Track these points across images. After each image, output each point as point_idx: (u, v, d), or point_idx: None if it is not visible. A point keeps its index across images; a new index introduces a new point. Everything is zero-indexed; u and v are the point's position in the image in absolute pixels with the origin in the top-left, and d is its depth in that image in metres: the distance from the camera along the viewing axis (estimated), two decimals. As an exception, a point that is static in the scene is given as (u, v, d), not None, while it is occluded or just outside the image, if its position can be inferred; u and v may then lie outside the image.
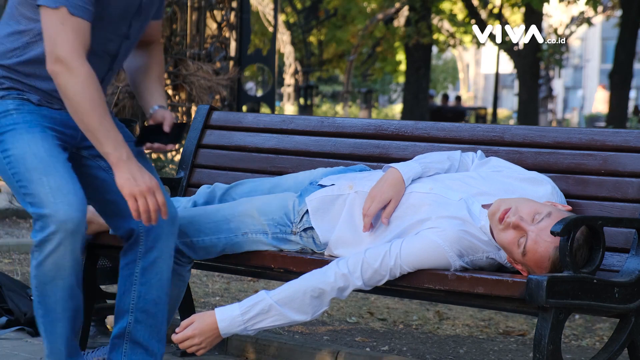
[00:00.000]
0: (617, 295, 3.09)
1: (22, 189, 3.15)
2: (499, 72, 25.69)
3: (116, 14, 3.22)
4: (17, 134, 3.18)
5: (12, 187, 3.21)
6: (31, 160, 3.14)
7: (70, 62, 3.07)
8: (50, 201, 3.08)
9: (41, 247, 3.10)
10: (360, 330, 4.85)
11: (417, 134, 3.89)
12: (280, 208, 3.57)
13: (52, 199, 3.08)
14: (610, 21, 29.48)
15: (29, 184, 3.13)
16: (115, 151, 3.12)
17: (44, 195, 3.09)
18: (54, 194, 3.09)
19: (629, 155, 3.42)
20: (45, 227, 3.08)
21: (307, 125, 4.17)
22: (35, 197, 3.11)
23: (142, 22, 3.33)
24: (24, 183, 3.14)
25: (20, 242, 6.98)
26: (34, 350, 4.23)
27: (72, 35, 3.06)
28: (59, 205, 3.07)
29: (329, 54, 29.95)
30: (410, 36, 20.12)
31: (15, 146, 3.16)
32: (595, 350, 4.55)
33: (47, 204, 3.08)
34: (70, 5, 3.05)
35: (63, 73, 3.07)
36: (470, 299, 3.20)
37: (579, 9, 21.45)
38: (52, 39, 3.07)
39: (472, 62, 49.52)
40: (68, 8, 3.05)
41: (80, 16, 3.07)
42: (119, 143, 3.12)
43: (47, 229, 3.07)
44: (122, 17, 3.25)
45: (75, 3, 3.06)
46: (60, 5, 3.05)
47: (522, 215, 3.16)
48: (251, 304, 3.22)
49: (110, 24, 3.23)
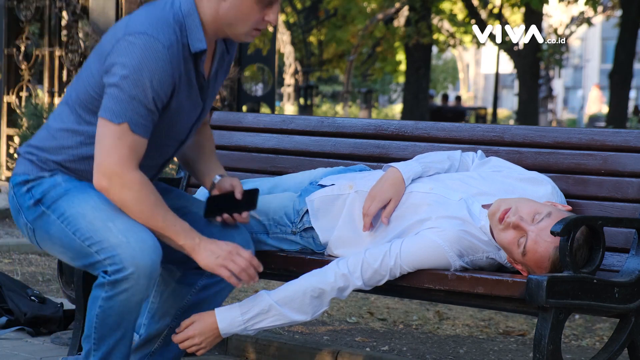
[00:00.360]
0: (617, 295, 3.09)
1: (86, 242, 3.04)
2: (499, 72, 25.68)
3: (179, 129, 3.21)
4: (70, 196, 3.11)
5: (74, 250, 3.08)
6: (91, 213, 3.07)
7: (122, 175, 3.01)
8: (123, 241, 3.00)
9: (115, 286, 3.01)
10: (360, 330, 4.85)
11: (417, 134, 3.89)
12: (280, 208, 3.57)
13: (125, 238, 3.01)
14: (610, 21, 29.47)
15: (95, 234, 3.03)
16: (188, 240, 3.09)
17: (114, 238, 3.01)
18: (125, 234, 3.01)
19: (629, 155, 3.41)
20: (121, 270, 2.99)
21: (307, 125, 4.17)
22: (104, 242, 3.02)
23: (198, 124, 3.32)
24: (89, 234, 3.04)
25: (20, 242, 6.98)
26: (34, 350, 4.23)
27: (127, 150, 3.01)
28: (133, 244, 3.00)
29: (329, 54, 29.94)
30: (410, 36, 20.13)
31: (71, 206, 3.09)
32: (595, 350, 4.55)
33: (119, 244, 3.00)
34: (133, 123, 3.01)
35: (115, 187, 3.02)
36: (470, 299, 3.20)
37: (579, 9, 21.45)
38: (106, 152, 3.02)
39: (472, 62, 49.52)
40: (130, 125, 3.01)
41: (139, 134, 3.03)
42: (187, 231, 3.10)
43: (124, 272, 2.99)
44: (184, 129, 3.24)
45: (137, 121, 3.02)
46: (122, 122, 3.01)
47: (522, 215, 3.16)
48: (251, 304, 3.22)
49: (170, 137, 3.22)
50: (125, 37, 3.03)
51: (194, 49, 3.11)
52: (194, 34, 3.11)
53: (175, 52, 3.05)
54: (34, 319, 4.49)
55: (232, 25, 3.12)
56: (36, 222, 3.15)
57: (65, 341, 4.32)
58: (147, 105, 3.02)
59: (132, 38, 3.02)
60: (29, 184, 3.16)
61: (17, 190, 3.19)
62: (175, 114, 3.15)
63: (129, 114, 3.01)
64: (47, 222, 3.12)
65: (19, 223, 3.22)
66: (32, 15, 10.66)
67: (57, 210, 3.11)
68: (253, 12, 3.10)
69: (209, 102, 3.31)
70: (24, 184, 3.17)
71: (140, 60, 3.00)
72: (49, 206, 3.12)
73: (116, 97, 3.02)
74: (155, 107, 3.04)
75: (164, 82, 3.03)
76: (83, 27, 9.92)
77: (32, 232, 3.18)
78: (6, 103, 10.84)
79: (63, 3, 10.18)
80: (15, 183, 3.20)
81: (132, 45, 3.01)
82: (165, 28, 3.05)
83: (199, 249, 3.11)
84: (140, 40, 3.01)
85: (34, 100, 10.18)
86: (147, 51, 3.00)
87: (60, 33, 10.44)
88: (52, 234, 3.12)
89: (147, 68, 3.00)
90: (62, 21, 10.39)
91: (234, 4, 3.09)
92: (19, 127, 9.47)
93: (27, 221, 3.17)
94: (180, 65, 3.08)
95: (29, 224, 3.17)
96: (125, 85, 3.00)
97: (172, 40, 3.05)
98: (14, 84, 10.86)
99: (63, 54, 10.32)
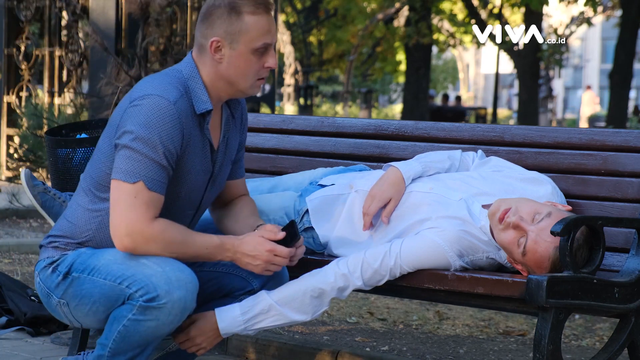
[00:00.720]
0: (617, 295, 3.09)
1: (117, 281, 2.99)
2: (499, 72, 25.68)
3: (192, 193, 3.18)
4: (98, 254, 3.08)
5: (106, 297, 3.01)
6: (122, 256, 3.03)
7: (143, 232, 2.98)
8: (157, 270, 2.96)
9: (145, 312, 2.96)
10: (360, 330, 4.85)
11: (417, 134, 3.89)
12: (280, 208, 3.57)
13: (159, 268, 2.97)
14: (610, 21, 29.47)
15: (127, 271, 2.99)
16: (224, 252, 3.08)
17: (148, 269, 2.97)
18: (160, 264, 2.98)
19: (629, 155, 3.42)
20: (154, 298, 2.94)
21: (307, 125, 4.17)
22: (137, 275, 2.97)
23: (214, 192, 3.29)
24: (120, 273, 2.99)
25: (20, 242, 6.98)
26: (34, 350, 4.23)
27: (144, 207, 2.98)
28: (169, 272, 2.96)
29: (329, 54, 29.95)
30: (410, 36, 20.12)
31: (101, 259, 3.06)
32: (595, 350, 4.55)
33: (153, 273, 2.96)
34: (148, 180, 3.00)
35: (139, 245, 2.99)
36: (470, 299, 3.20)
37: (579, 9, 21.46)
38: (124, 212, 2.98)
39: (472, 62, 49.51)
40: (145, 183, 3.00)
41: (155, 191, 3.02)
42: (219, 246, 3.07)
43: (157, 301, 2.94)
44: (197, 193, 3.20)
45: (152, 178, 2.99)
46: (137, 181, 3.00)
47: (522, 215, 3.16)
48: (251, 304, 3.22)
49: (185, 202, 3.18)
50: (131, 104, 3.04)
51: (199, 110, 3.09)
52: (198, 95, 3.10)
53: (182, 107, 3.04)
54: (34, 319, 4.49)
55: (235, 83, 3.12)
56: (67, 293, 3.10)
57: (65, 341, 4.32)
58: (160, 161, 3.00)
59: (137, 101, 3.02)
60: (53, 265, 3.12)
61: (42, 274, 3.15)
62: (187, 174, 3.12)
63: (142, 172, 2.99)
64: (78, 285, 3.07)
65: (50, 307, 3.17)
66: (32, 15, 10.67)
67: (87, 269, 3.06)
68: (251, 64, 3.09)
69: (224, 170, 3.27)
70: (48, 267, 3.13)
71: (148, 118, 2.99)
72: (79, 270, 3.08)
73: (128, 157, 3.00)
74: (167, 162, 3.02)
75: (174, 136, 3.02)
76: (83, 27, 9.92)
77: (67, 307, 3.12)
78: (6, 103, 10.84)
79: (63, 3, 10.18)
80: (39, 269, 3.16)
81: (139, 108, 3.01)
82: (169, 87, 3.06)
83: (237, 258, 3.09)
84: (145, 101, 3.01)
85: (34, 100, 10.18)
86: (154, 109, 3.00)
87: (60, 33, 10.45)
88: (84, 293, 3.06)
89: (155, 124, 2.99)
90: (62, 21, 10.39)
91: (231, 63, 3.08)
92: (19, 127, 9.47)
93: (58, 299, 3.12)
94: (189, 120, 3.07)
95: (61, 300, 3.11)
96: (136, 145, 2.99)
97: (178, 96, 3.05)
98: (14, 84, 10.86)
99: (63, 54, 10.32)
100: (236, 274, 3.30)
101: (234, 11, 3.07)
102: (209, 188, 3.24)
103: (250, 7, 3.08)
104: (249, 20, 3.08)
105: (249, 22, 3.08)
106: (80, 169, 3.97)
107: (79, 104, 9.46)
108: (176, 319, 2.99)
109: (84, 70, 10.20)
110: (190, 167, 3.12)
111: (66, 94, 10.21)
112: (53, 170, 4.10)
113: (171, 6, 9.14)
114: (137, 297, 2.96)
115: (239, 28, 3.07)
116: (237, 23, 3.07)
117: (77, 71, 10.23)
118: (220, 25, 3.08)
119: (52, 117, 8.72)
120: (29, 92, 10.74)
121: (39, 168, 8.63)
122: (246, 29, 3.07)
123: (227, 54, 3.09)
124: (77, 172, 3.99)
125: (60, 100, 10.26)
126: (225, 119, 3.24)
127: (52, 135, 4.17)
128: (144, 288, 2.96)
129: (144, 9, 8.57)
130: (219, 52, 3.09)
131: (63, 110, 9.53)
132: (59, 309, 3.14)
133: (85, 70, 10.15)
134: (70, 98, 9.98)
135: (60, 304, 3.12)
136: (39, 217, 8.36)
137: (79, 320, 3.14)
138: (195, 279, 3.02)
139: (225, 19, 3.07)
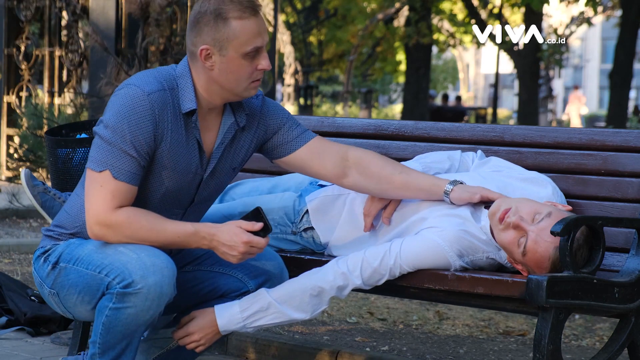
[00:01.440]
0: (617, 295, 3.09)
1: (97, 270, 3.01)
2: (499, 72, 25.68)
3: (178, 192, 3.16)
4: (83, 244, 3.10)
5: (89, 287, 3.03)
6: (104, 246, 3.05)
7: (108, 221, 3.00)
8: (133, 257, 2.96)
9: (122, 299, 2.96)
10: (360, 330, 4.85)
11: (417, 134, 3.89)
12: (280, 208, 3.57)
13: (135, 255, 2.97)
14: (610, 21, 29.48)
15: (105, 259, 3.00)
16: (200, 240, 3.05)
17: (124, 256, 2.97)
18: (135, 251, 2.98)
19: (629, 155, 3.42)
20: (130, 284, 2.95)
21: (307, 125, 4.14)
22: (114, 262, 2.98)
23: (209, 195, 3.26)
24: (99, 262, 3.02)
25: (20, 242, 6.99)
26: (34, 350, 4.23)
27: (110, 196, 3.00)
28: (144, 258, 2.96)
29: (329, 54, 29.95)
30: (410, 36, 20.13)
31: (84, 249, 3.08)
32: (595, 350, 4.55)
33: (129, 260, 2.96)
34: (114, 169, 3.01)
35: (108, 233, 3.02)
36: (470, 299, 3.20)
37: (579, 9, 21.46)
38: (92, 201, 3.02)
39: (472, 62, 49.52)
40: (111, 172, 3.01)
41: (123, 180, 3.01)
42: (194, 234, 3.05)
43: (132, 287, 2.94)
44: (184, 194, 3.19)
45: (119, 167, 3.00)
46: (104, 169, 3.01)
47: (522, 215, 3.16)
48: (251, 301, 3.22)
49: (170, 201, 3.17)
50: (114, 94, 3.07)
51: (183, 108, 3.09)
52: (185, 93, 3.10)
53: (157, 99, 3.04)
54: (34, 319, 4.49)
55: (229, 88, 3.10)
56: (56, 283, 3.12)
57: (65, 341, 4.32)
58: (128, 151, 3.01)
59: (117, 91, 3.06)
60: (45, 254, 3.15)
61: (36, 264, 3.18)
62: (164, 169, 3.10)
63: (110, 161, 3.01)
64: (65, 275, 3.09)
65: (44, 296, 3.20)
66: (32, 15, 10.66)
67: (73, 259, 3.09)
68: (244, 68, 3.08)
69: (222, 176, 3.24)
70: (41, 256, 3.16)
71: (120, 107, 3.02)
72: (66, 260, 3.10)
73: (98, 146, 3.04)
74: (136, 152, 3.02)
75: (143, 126, 3.01)
76: (83, 27, 9.92)
77: (57, 297, 3.14)
78: (6, 103, 10.84)
79: (63, 3, 10.18)
80: (34, 259, 3.20)
81: (116, 97, 3.05)
82: (151, 79, 3.07)
83: (215, 246, 3.06)
84: (122, 90, 3.05)
85: (34, 100, 10.18)
86: (127, 98, 3.02)
87: (60, 33, 10.44)
88: (71, 283, 3.08)
89: (125, 113, 3.00)
90: (62, 21, 10.39)
91: (222, 69, 3.07)
92: (19, 127, 9.47)
93: (49, 289, 3.14)
94: (166, 115, 3.06)
95: (52, 289, 3.13)
96: (105, 134, 3.02)
97: (155, 89, 3.05)
98: (14, 84, 10.86)
99: (63, 54, 10.32)
100: (232, 275, 3.30)
101: (220, 17, 3.03)
102: (200, 190, 3.22)
103: (237, 12, 3.04)
104: (236, 25, 3.04)
105: (236, 28, 3.04)
106: (80, 169, 3.98)
107: (79, 104, 9.46)
108: (154, 304, 2.97)
109: (84, 70, 10.20)
110: (169, 164, 3.10)
111: (66, 94, 10.22)
112: (53, 170, 4.10)
113: (171, 6, 9.14)
114: (114, 284, 2.97)
115: (227, 34, 3.04)
116: (224, 29, 3.04)
117: (77, 71, 10.23)
118: (207, 33, 3.05)
119: (52, 117, 8.72)
120: (29, 92, 10.74)
121: (39, 168, 8.63)
122: (234, 34, 3.04)
123: (218, 60, 3.06)
124: (77, 172, 3.99)
125: (60, 100, 10.26)
126: (229, 126, 3.20)
127: (52, 135, 4.17)
128: (120, 275, 2.96)
129: (144, 9, 8.57)
130: (210, 59, 3.07)
131: (63, 110, 9.53)
132: (51, 298, 3.17)
133: (85, 70, 10.15)
134: (70, 98, 9.98)
135: (51, 294, 3.14)
136: (39, 217, 8.36)
137: (69, 311, 3.16)
138: (172, 265, 3.00)
139: (212, 26, 3.04)
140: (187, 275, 3.31)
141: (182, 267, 3.31)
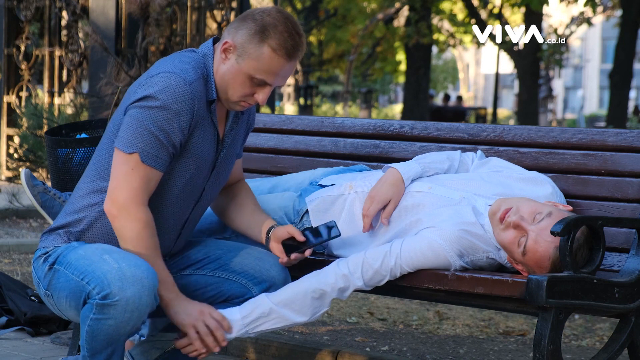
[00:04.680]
0: (617, 295, 3.09)
1: (80, 276, 2.98)
2: (499, 72, 25.69)
3: (193, 181, 3.16)
4: (78, 248, 3.08)
5: (74, 293, 3.00)
6: (91, 251, 3.03)
7: (129, 208, 3.01)
8: (114, 267, 2.92)
9: (102, 310, 2.92)
10: (360, 330, 4.85)
11: (417, 134, 3.89)
12: (280, 208, 3.57)
13: (116, 264, 2.93)
14: (610, 21, 29.48)
15: (89, 267, 2.97)
16: (166, 292, 3.05)
17: (106, 265, 2.94)
18: (117, 261, 2.95)
19: (629, 155, 3.42)
20: (108, 295, 2.91)
21: (307, 125, 4.17)
22: (96, 271, 2.95)
23: (215, 185, 3.28)
24: (83, 268, 2.99)
25: (20, 242, 6.99)
26: (34, 350, 4.23)
27: (138, 182, 3.01)
28: (124, 268, 2.91)
29: (329, 54, 29.96)
30: (410, 36, 20.14)
31: (76, 254, 3.06)
32: (595, 350, 4.55)
33: (109, 270, 2.92)
34: (143, 154, 3.01)
35: (120, 217, 3.02)
36: (470, 299, 3.19)
37: (579, 9, 21.46)
38: (118, 181, 3.02)
39: (472, 62, 49.55)
40: (140, 155, 3.02)
41: (151, 165, 3.02)
42: (168, 284, 3.06)
43: (111, 298, 2.90)
44: (197, 184, 3.19)
45: (148, 152, 3.00)
46: (133, 152, 3.02)
47: (523, 215, 3.16)
48: (251, 307, 3.20)
49: (184, 192, 3.17)
50: (147, 79, 3.04)
51: (209, 97, 3.11)
52: (210, 82, 3.11)
53: (197, 90, 3.04)
54: (34, 319, 4.49)
55: (222, 88, 3.11)
56: (51, 285, 3.10)
57: (65, 341, 4.32)
58: (161, 138, 3.00)
59: (154, 77, 3.02)
60: (45, 255, 3.14)
61: (35, 264, 3.17)
62: (192, 157, 3.11)
63: (139, 145, 3.00)
64: (57, 278, 3.07)
65: (41, 296, 3.20)
66: (32, 15, 10.67)
67: (65, 262, 3.07)
68: (243, 85, 3.08)
69: (228, 163, 3.26)
70: (41, 257, 3.15)
71: (160, 93, 2.99)
72: (60, 263, 3.08)
73: (130, 126, 3.01)
74: (170, 140, 3.02)
75: (183, 115, 3.02)
76: (83, 27, 9.92)
77: (52, 298, 3.13)
78: (6, 103, 10.85)
79: (63, 3, 10.19)
80: (34, 259, 3.19)
81: (154, 81, 3.01)
82: (187, 67, 3.06)
83: (173, 304, 3.08)
84: (162, 77, 3.01)
85: (34, 100, 10.18)
86: (168, 86, 3.00)
87: (60, 33, 10.45)
88: (60, 286, 3.07)
89: (166, 101, 2.99)
90: (62, 21, 10.39)
91: (229, 71, 3.08)
92: (19, 127, 9.47)
93: (45, 290, 3.13)
94: (201, 105, 3.07)
95: (47, 291, 3.12)
96: (141, 115, 3.00)
97: (194, 78, 3.05)
98: (14, 84, 10.86)
99: (63, 54, 10.32)
100: (236, 280, 3.30)
101: (261, 34, 3.04)
102: (211, 179, 3.23)
103: (275, 43, 3.04)
104: (266, 52, 3.04)
105: (264, 54, 3.04)
106: (80, 169, 3.98)
107: (79, 104, 9.46)
108: (134, 315, 2.93)
109: (84, 70, 10.21)
110: (196, 151, 3.11)
111: (66, 94, 10.22)
112: (53, 170, 4.10)
113: (171, 6, 9.15)
114: (94, 294, 2.94)
115: (254, 51, 3.04)
116: (255, 46, 3.04)
117: (77, 71, 10.24)
118: (242, 35, 3.06)
119: (52, 117, 8.72)
120: (29, 92, 10.75)
121: (39, 168, 8.63)
122: (257, 57, 3.04)
123: (232, 61, 3.07)
124: (77, 172, 3.99)
125: (60, 100, 10.27)
126: (234, 114, 3.23)
127: (52, 135, 4.17)
128: (99, 285, 2.93)
129: (144, 9, 8.57)
130: (227, 54, 3.08)
131: (63, 110, 9.53)
132: (47, 299, 3.17)
133: (85, 70, 10.16)
134: (70, 98, 9.98)
135: (47, 295, 3.14)
136: (39, 217, 8.37)
137: (63, 313, 3.16)
138: (153, 275, 2.96)
139: (250, 35, 3.05)
140: (188, 278, 3.31)
141: (182, 270, 3.31)
